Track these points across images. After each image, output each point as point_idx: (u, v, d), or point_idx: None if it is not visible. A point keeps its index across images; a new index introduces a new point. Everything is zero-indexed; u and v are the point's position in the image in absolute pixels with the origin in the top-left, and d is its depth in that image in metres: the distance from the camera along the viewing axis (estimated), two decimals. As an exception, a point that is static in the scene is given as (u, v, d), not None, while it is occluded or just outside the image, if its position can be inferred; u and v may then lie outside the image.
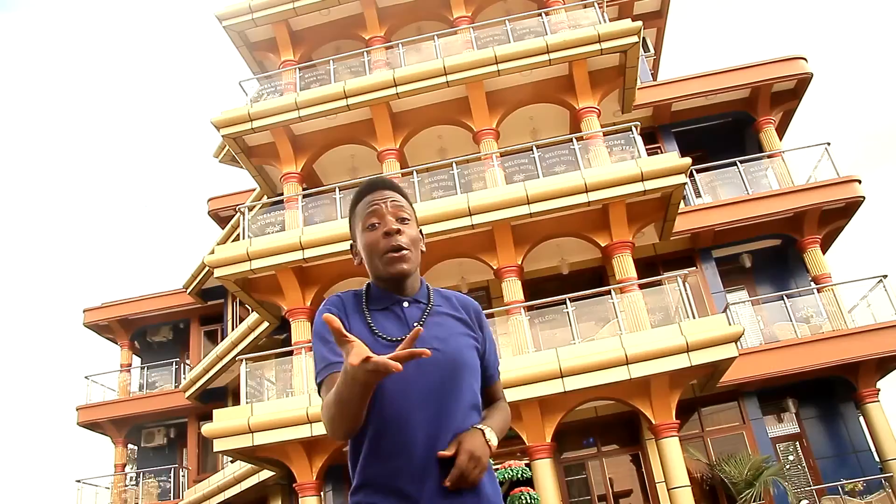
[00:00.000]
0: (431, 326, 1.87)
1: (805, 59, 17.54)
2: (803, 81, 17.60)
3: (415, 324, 1.87)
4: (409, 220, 1.95)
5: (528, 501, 10.62)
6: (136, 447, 24.07)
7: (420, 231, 2.02)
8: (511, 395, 11.91)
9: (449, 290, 2.06)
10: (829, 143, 16.85)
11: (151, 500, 21.87)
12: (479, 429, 1.82)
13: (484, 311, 2.09)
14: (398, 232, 1.90)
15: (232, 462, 17.68)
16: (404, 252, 1.89)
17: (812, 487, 14.27)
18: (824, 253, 16.77)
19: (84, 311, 24.21)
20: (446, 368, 1.81)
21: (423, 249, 2.01)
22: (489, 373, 2.02)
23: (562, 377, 11.90)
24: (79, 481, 22.50)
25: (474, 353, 1.92)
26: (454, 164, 15.03)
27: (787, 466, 14.63)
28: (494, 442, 1.84)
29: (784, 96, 17.84)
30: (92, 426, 23.06)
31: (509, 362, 12.24)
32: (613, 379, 11.85)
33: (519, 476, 10.55)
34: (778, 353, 14.27)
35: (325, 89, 15.95)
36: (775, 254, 16.98)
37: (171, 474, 22.35)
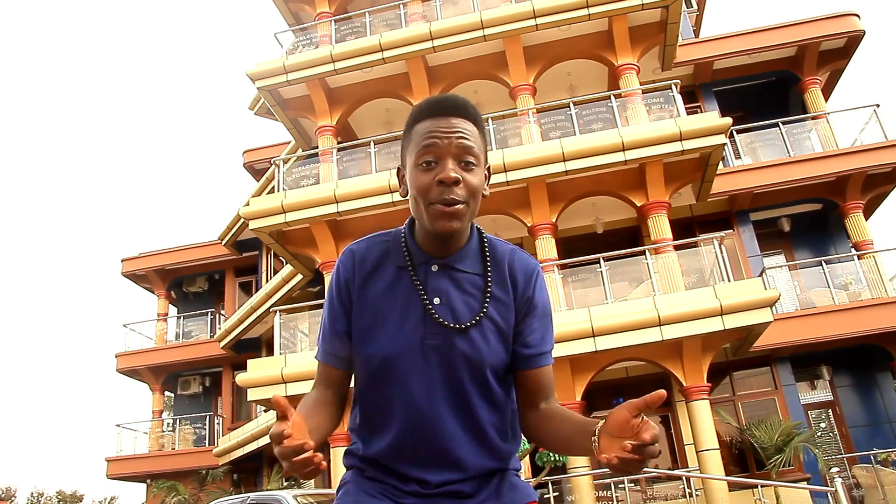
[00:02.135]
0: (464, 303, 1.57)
1: (857, 15, 16.84)
2: (854, 40, 16.95)
3: (435, 298, 1.55)
4: (474, 164, 1.52)
5: (556, 459, 10.68)
6: (172, 394, 24.65)
7: (487, 170, 1.61)
8: (541, 353, 11.89)
9: (507, 248, 1.65)
10: (878, 105, 16.32)
11: (187, 446, 22.44)
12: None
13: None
14: (456, 183, 1.49)
15: (265, 411, 18.02)
16: (458, 207, 1.49)
17: (843, 455, 14.16)
18: (867, 219, 16.34)
19: (122, 261, 24.65)
20: (457, 365, 1.54)
21: (486, 194, 1.60)
22: (532, 353, 1.60)
23: (593, 336, 11.86)
24: (118, 426, 23.17)
25: (507, 344, 1.59)
26: (490, 120, 14.86)
27: (819, 433, 14.52)
28: None
29: (832, 55, 17.23)
30: (130, 373, 23.63)
31: (540, 320, 12.17)
32: (645, 340, 11.79)
33: (547, 433, 10.59)
34: (814, 320, 14.04)
35: (360, 42, 15.82)
36: (815, 218, 16.62)
37: (207, 422, 22.87)
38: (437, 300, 1.55)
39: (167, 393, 24.55)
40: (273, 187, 16.82)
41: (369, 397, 1.60)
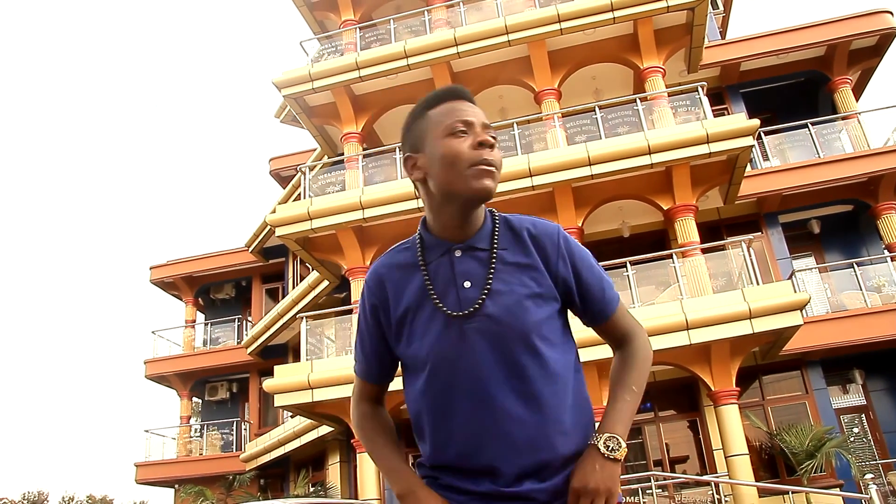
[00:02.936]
0: (491, 290, 1.58)
1: (890, 12, 16.55)
2: (886, 37, 16.65)
3: (465, 283, 1.57)
4: (496, 138, 1.62)
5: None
6: (200, 400, 24.87)
7: None
8: (568, 358, 11.84)
9: (524, 219, 1.70)
10: (909, 105, 16.05)
11: (214, 452, 22.62)
12: (593, 444, 1.53)
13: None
14: (492, 147, 1.58)
15: (292, 417, 18.10)
16: (494, 170, 1.57)
17: (878, 462, 13.90)
18: (901, 220, 16.06)
19: (150, 269, 24.93)
20: (502, 342, 1.54)
21: None
22: (595, 308, 1.67)
23: (620, 341, 11.75)
24: (147, 431, 23.42)
25: (547, 308, 1.59)
26: (515, 125, 14.84)
27: (852, 439, 14.25)
28: (617, 447, 1.51)
29: (863, 54, 16.97)
30: (159, 379, 23.88)
31: (567, 325, 12.13)
32: (673, 344, 11.67)
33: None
34: (846, 323, 13.82)
35: (385, 49, 15.89)
36: (846, 220, 16.37)
37: (234, 427, 23.03)
38: (466, 284, 1.58)
39: (195, 399, 24.76)
40: (299, 194, 16.93)
41: (424, 401, 1.61)
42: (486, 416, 1.52)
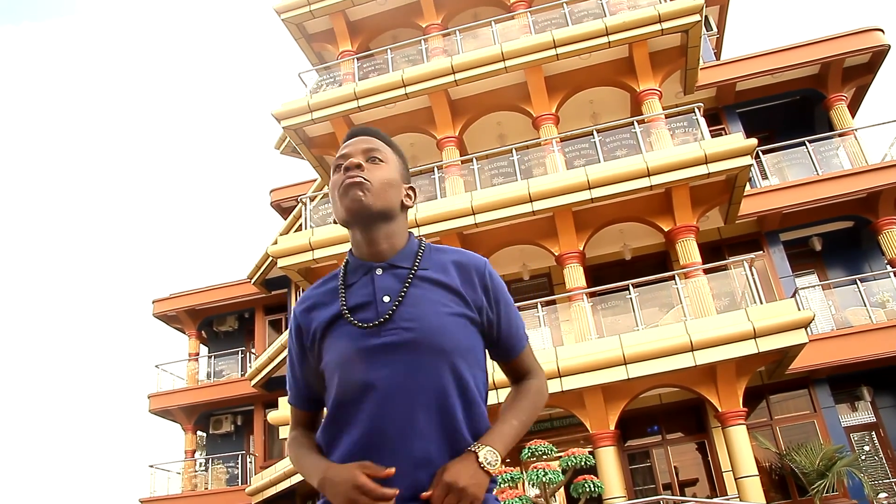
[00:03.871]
0: (407, 301, 1.59)
1: (882, 30, 16.73)
2: (879, 54, 16.81)
3: (384, 297, 1.60)
4: (381, 160, 1.68)
5: (592, 489, 10.51)
6: (204, 434, 24.69)
7: (411, 189, 1.76)
8: (574, 382, 11.82)
9: (452, 250, 1.75)
10: (906, 119, 16.11)
11: (220, 486, 22.40)
12: (473, 451, 1.53)
13: (545, 299, 1.87)
14: (359, 167, 1.64)
15: (297, 448, 17.93)
16: (359, 179, 1.61)
17: (891, 480, 13.75)
18: (902, 234, 16.05)
19: (153, 303, 24.89)
20: (418, 355, 1.55)
21: (410, 204, 1.74)
22: (508, 344, 1.73)
23: (625, 364, 11.73)
24: (152, 466, 23.22)
25: (467, 330, 1.62)
26: (514, 151, 14.91)
27: (863, 457, 14.11)
28: (494, 462, 1.53)
29: (857, 71, 17.10)
30: (163, 413, 23.73)
31: (572, 349, 12.13)
32: (678, 366, 11.63)
33: (582, 464, 10.43)
34: (851, 340, 13.76)
35: (383, 78, 16.01)
36: (847, 236, 16.36)
37: (239, 460, 22.84)
38: (386, 298, 1.61)
39: (199, 432, 24.58)
40: (300, 225, 16.96)
41: (335, 411, 1.61)
42: (389, 429, 1.52)
